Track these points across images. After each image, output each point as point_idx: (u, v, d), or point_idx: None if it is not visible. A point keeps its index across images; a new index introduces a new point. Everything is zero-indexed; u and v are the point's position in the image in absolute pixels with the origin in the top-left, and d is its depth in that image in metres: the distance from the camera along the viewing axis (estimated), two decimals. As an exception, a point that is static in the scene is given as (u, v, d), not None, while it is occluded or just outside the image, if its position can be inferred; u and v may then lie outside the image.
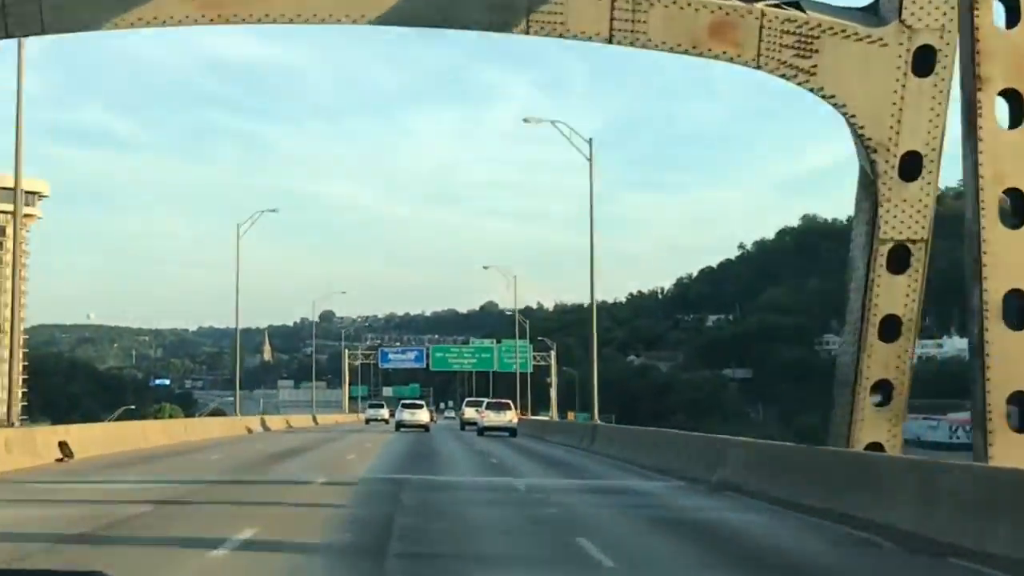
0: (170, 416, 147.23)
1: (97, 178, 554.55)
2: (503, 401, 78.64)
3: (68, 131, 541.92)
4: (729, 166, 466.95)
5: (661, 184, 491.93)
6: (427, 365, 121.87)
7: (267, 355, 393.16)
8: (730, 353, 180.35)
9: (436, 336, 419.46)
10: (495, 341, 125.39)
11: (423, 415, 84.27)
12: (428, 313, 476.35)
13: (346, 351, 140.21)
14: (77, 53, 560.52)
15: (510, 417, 74.13)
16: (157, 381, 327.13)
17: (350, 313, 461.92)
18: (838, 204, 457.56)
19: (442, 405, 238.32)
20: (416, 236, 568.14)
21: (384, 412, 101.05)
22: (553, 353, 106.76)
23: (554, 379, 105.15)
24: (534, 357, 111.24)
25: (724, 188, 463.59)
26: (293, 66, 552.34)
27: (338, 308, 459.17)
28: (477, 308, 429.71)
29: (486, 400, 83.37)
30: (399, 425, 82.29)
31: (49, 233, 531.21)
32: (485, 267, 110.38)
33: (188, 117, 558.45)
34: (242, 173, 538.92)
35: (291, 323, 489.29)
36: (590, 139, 66.39)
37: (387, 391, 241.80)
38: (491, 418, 73.65)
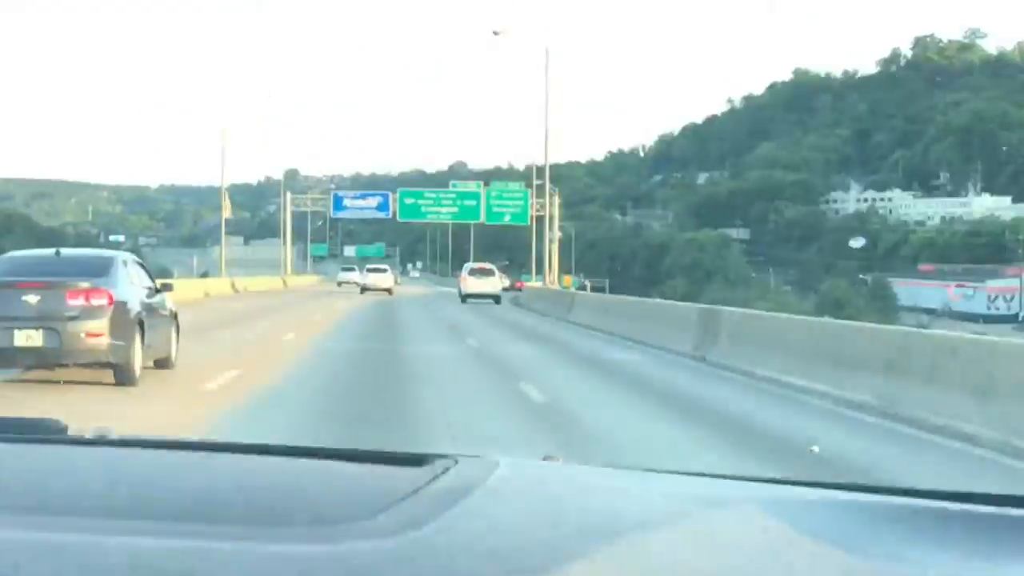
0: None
1: None
2: (485, 266, 73.81)
3: None
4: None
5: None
6: (393, 213, 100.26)
7: (227, 212, 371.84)
8: (728, 212, 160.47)
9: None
10: (482, 184, 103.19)
11: (387, 279, 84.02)
12: (395, 173, 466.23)
13: (287, 195, 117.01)
14: None
15: (494, 284, 69.88)
16: (112, 238, 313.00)
17: (315, 172, 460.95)
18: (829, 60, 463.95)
19: (410, 266, 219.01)
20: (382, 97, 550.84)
21: (355, 275, 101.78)
22: (557, 199, 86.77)
23: (556, 235, 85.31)
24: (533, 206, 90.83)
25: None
26: None
27: (303, 167, 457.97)
28: (445, 168, 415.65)
29: (470, 265, 76.63)
30: (363, 288, 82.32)
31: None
32: (495, 32, 79.45)
33: None
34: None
35: (255, 182, 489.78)
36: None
37: (348, 251, 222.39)
38: (472, 284, 69.05)
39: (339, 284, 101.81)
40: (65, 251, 19.15)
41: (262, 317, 40.47)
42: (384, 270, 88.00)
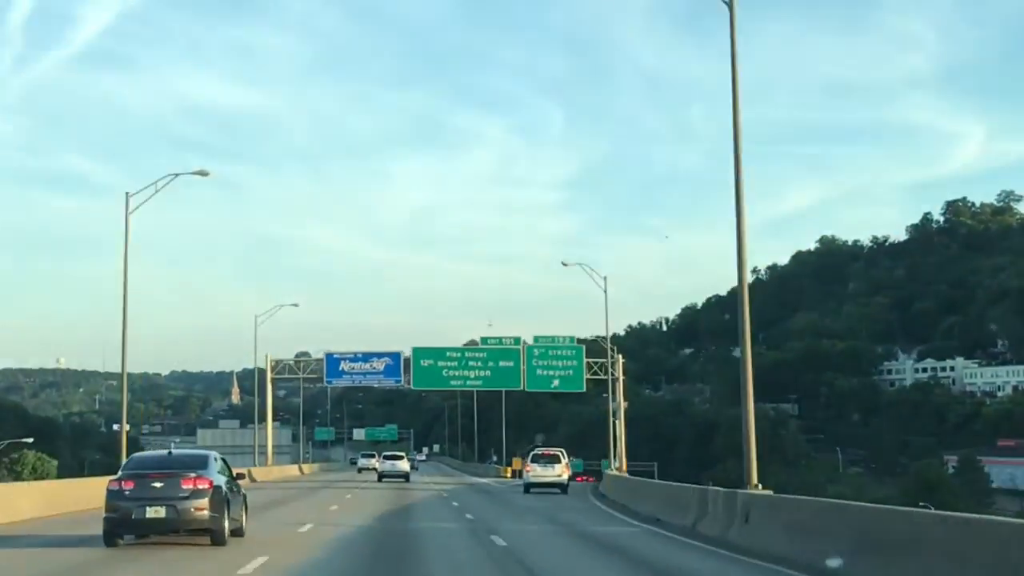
0: (33, 470, 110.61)
1: (74, 222, 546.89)
2: (551, 451, 67.39)
3: (43, 176, 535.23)
4: (707, 209, 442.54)
5: (639, 227, 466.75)
6: (408, 381, 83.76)
7: (235, 397, 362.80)
8: (772, 385, 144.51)
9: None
10: (522, 340, 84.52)
11: (403, 465, 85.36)
12: (407, 353, 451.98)
13: (267, 358, 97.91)
14: (53, 99, 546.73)
15: (560, 472, 63.79)
16: (115, 426, 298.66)
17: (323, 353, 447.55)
18: (854, 228, 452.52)
19: (415, 453, 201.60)
20: (394, 279, 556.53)
21: (374, 461, 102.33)
22: (620, 361, 70.88)
23: (622, 406, 69.30)
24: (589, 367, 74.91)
25: (702, 232, 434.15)
26: (268, 111, 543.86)
27: (313, 348, 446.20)
28: (460, 346, 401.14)
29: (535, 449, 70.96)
30: (380, 476, 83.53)
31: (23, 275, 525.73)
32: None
33: (166, 162, 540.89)
34: (220, 217, 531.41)
35: (263, 365, 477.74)
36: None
37: (358, 433, 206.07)
38: (538, 473, 63.66)
39: (359, 471, 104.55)
40: (175, 451, 27.52)
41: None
42: (400, 456, 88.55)
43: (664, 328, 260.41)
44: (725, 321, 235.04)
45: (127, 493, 24.21)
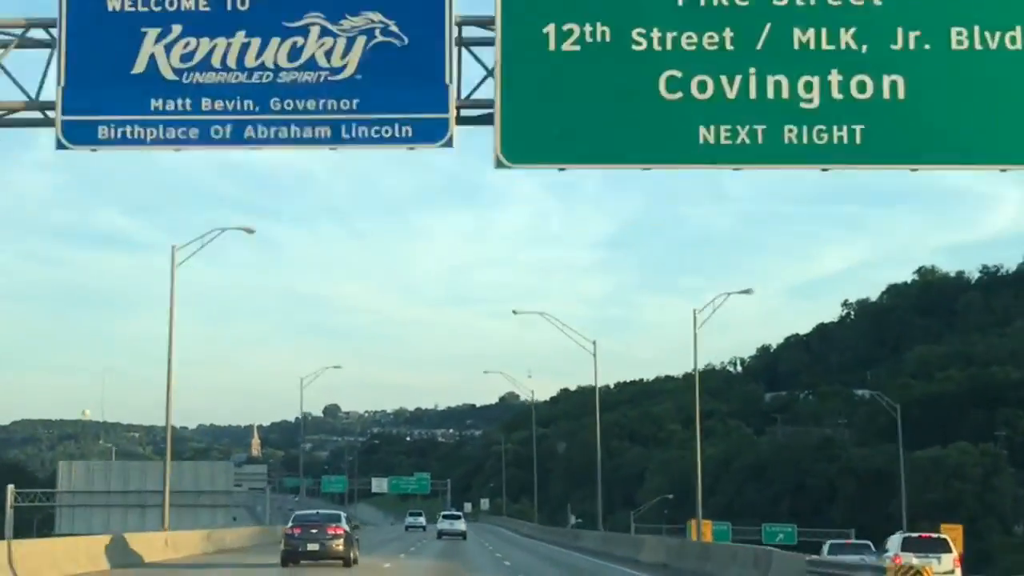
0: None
1: (111, 279, 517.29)
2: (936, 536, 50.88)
3: (82, 233, 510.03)
4: (740, 270, 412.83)
5: (673, 287, 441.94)
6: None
7: (255, 449, 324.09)
8: (922, 426, 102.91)
9: (450, 430, 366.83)
10: None
11: (461, 525, 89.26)
12: (441, 407, 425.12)
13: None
14: (88, 156, 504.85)
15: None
16: None
17: (357, 408, 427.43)
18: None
19: (467, 506, 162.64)
20: (428, 337, 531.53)
21: (422, 520, 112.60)
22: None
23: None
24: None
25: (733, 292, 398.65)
26: (305, 168, 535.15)
27: (344, 403, 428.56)
28: (496, 400, 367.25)
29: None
30: (440, 534, 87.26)
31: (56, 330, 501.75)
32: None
33: (201, 218, 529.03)
34: (254, 273, 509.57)
35: (292, 418, 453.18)
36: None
37: (379, 484, 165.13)
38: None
39: (406, 529, 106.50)
40: (321, 511, 46.56)
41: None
42: (459, 516, 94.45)
43: (738, 369, 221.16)
44: (807, 360, 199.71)
45: (296, 535, 40.55)
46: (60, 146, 25.32)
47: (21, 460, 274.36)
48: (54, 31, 25.37)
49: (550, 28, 24.15)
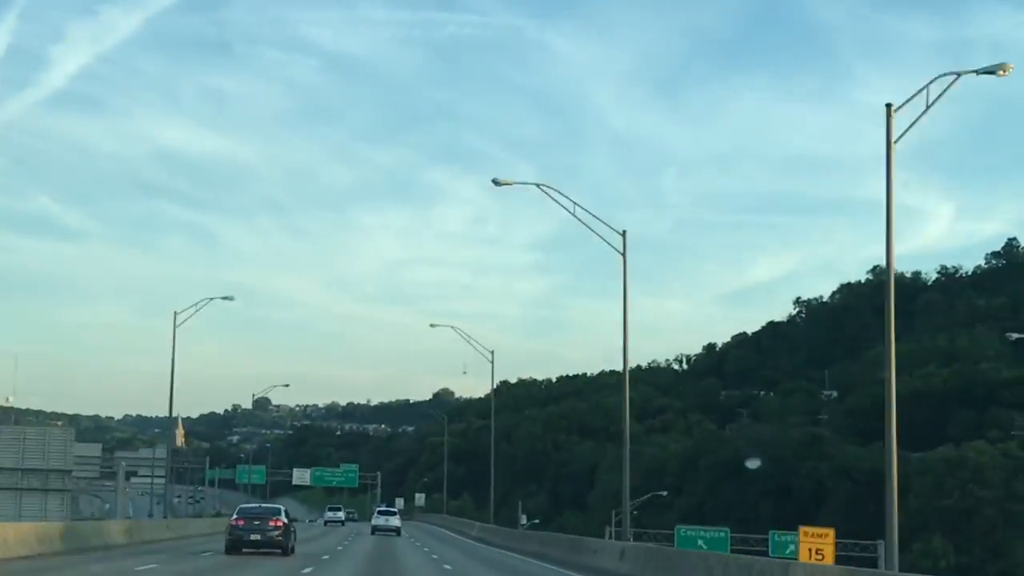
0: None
1: (42, 266, 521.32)
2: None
3: (13, 219, 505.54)
4: (670, 277, 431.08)
5: (604, 291, 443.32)
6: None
7: (180, 440, 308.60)
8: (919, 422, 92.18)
9: (382, 425, 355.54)
10: None
11: (395, 521, 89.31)
12: (374, 403, 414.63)
13: None
14: (24, 142, 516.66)
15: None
16: None
17: (287, 402, 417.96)
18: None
19: (400, 502, 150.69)
20: (362, 334, 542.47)
21: (342, 515, 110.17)
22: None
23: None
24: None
25: (664, 297, 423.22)
26: (244, 160, 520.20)
27: (275, 396, 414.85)
28: (430, 396, 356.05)
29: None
30: (374, 529, 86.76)
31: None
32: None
33: (137, 208, 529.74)
34: (190, 264, 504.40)
35: (221, 411, 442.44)
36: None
37: (300, 475, 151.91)
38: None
39: (325, 523, 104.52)
40: (263, 504, 54.48)
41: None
42: (394, 512, 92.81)
43: (684, 367, 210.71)
44: (757, 360, 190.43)
45: (240, 526, 43.72)
46: None
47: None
48: None
49: None
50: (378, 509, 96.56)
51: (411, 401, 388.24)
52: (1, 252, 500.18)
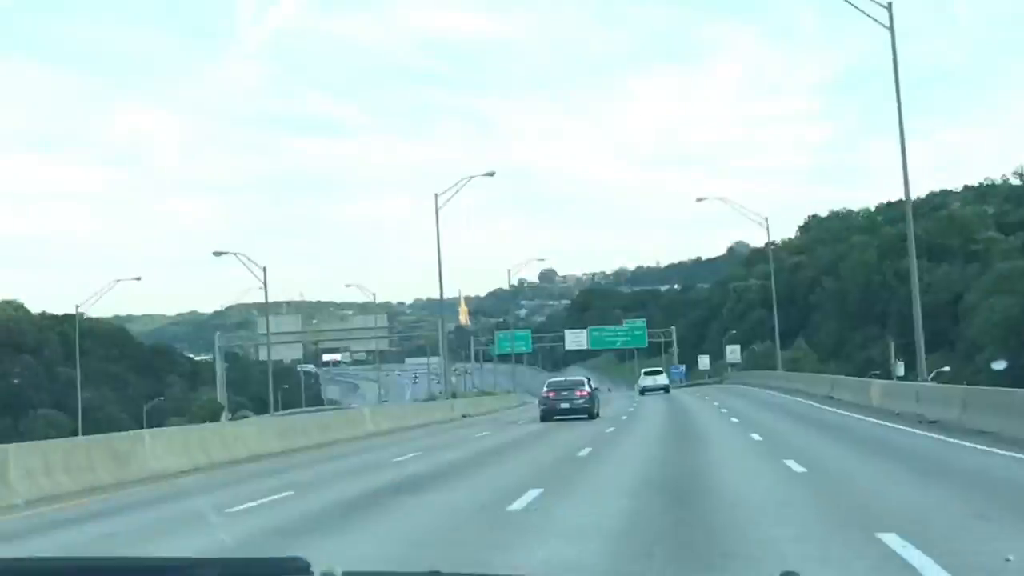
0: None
1: (321, 164, 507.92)
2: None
3: (291, 120, 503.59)
4: (974, 106, 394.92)
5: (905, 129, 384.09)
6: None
7: (463, 318, 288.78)
8: None
9: (674, 286, 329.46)
10: None
11: (663, 379, 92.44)
12: (664, 264, 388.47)
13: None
14: (294, 45, 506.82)
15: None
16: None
17: (575, 271, 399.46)
18: None
19: (706, 359, 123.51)
20: (644, 198, 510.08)
21: (664, 379, 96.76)
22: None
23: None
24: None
25: (971, 128, 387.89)
26: (506, 37, 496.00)
27: (561, 267, 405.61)
28: (724, 252, 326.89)
29: None
30: (642, 390, 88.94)
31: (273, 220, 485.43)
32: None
33: (407, 97, 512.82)
34: (463, 149, 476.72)
35: (506, 287, 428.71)
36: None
37: (575, 338, 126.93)
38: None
39: (641, 392, 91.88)
40: (569, 378, 54.32)
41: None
42: (660, 372, 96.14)
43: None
44: None
45: (551, 397, 47.73)
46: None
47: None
48: None
49: None
50: (644, 371, 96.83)
51: (703, 259, 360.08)
52: (283, 154, 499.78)
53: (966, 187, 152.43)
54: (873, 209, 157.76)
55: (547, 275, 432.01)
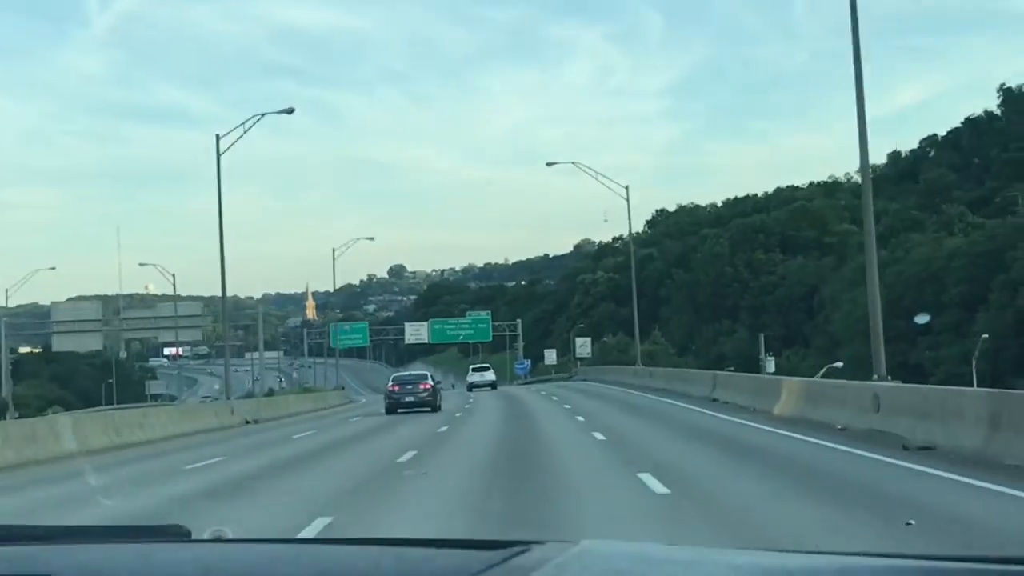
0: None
1: (167, 154, 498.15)
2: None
3: (137, 110, 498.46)
4: (811, 110, 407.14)
5: (742, 131, 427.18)
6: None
7: (310, 312, 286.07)
8: None
9: (522, 282, 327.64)
10: None
11: (490, 375, 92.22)
12: (512, 260, 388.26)
13: None
14: (142, 33, 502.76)
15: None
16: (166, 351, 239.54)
17: (424, 267, 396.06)
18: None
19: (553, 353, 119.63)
20: (494, 196, 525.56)
21: (491, 375, 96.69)
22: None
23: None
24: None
25: (807, 132, 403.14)
26: (359, 31, 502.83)
27: (411, 263, 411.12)
28: (570, 249, 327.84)
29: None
30: (470, 386, 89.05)
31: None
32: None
33: (257, 88, 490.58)
34: (316, 141, 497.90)
35: (356, 282, 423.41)
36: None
37: (415, 331, 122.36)
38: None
39: (469, 388, 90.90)
40: (412, 372, 57.23)
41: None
42: (487, 368, 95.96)
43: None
44: (960, 162, 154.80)
45: (396, 391, 50.11)
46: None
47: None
48: None
49: None
50: (472, 367, 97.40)
51: (550, 256, 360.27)
52: (120, 143, 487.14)
53: (812, 183, 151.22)
54: (720, 205, 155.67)
55: (397, 271, 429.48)
